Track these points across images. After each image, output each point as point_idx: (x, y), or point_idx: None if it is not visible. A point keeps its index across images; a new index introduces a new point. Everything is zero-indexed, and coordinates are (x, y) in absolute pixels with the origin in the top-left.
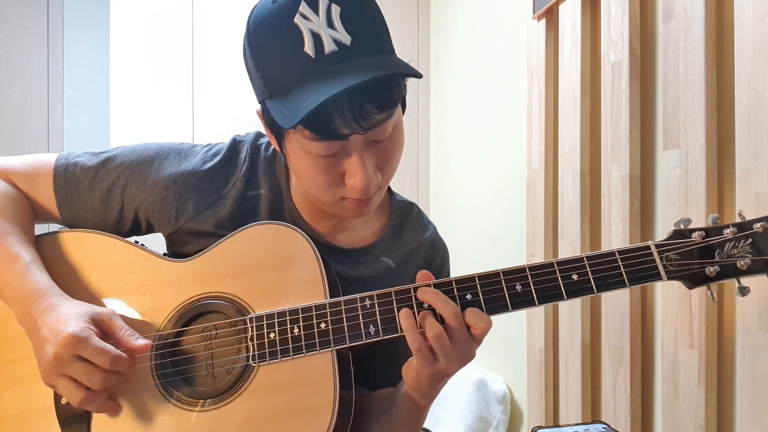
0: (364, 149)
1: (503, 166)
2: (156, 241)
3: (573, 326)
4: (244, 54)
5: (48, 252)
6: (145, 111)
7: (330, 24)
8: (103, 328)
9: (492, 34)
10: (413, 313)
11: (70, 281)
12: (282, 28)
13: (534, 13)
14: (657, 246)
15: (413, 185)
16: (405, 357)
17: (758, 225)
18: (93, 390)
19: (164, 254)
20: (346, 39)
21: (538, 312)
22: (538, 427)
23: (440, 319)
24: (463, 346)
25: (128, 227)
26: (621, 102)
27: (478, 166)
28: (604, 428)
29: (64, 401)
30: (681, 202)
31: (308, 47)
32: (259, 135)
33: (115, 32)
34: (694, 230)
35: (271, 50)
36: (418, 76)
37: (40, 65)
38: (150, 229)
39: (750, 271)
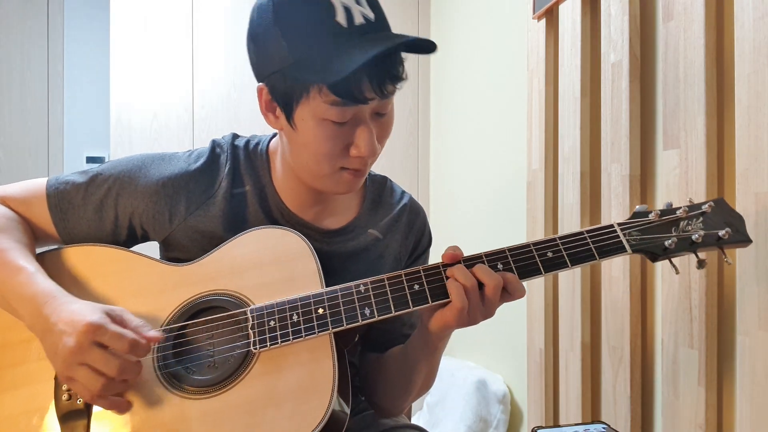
0: (371, 120)
1: (503, 166)
2: (152, 251)
3: (573, 326)
4: (263, 24)
5: (52, 266)
6: (145, 111)
7: (357, 1)
8: (116, 322)
9: (492, 34)
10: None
11: (75, 290)
12: (315, 1)
13: (534, 13)
14: (620, 224)
15: (413, 185)
16: (405, 320)
17: (706, 205)
18: (110, 380)
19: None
20: (371, 15)
21: (538, 312)
22: (538, 427)
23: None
24: (489, 307)
25: (124, 236)
26: (621, 102)
27: (478, 166)
28: (604, 428)
29: (64, 398)
30: (681, 202)
31: (340, 17)
32: (235, 136)
33: (115, 32)
34: (651, 211)
35: (301, 18)
36: (434, 48)
37: (40, 65)
38: (145, 237)
39: (704, 244)
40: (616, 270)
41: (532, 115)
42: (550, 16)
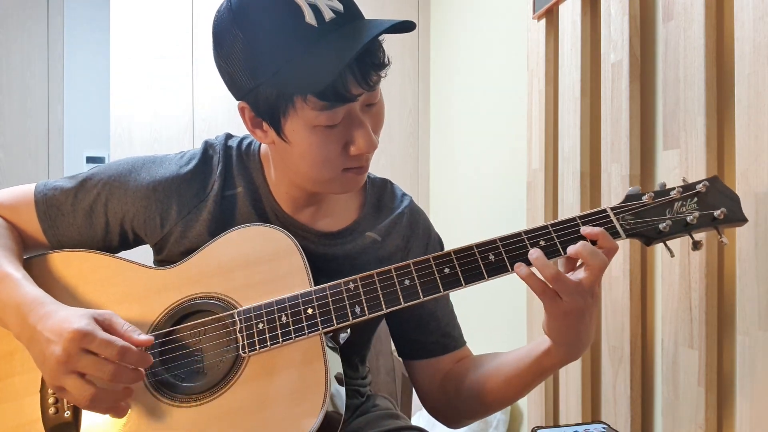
0: (363, 114)
1: (503, 166)
2: (144, 256)
3: None
4: (228, 44)
5: (36, 272)
6: (145, 111)
7: None
8: (104, 327)
9: (492, 34)
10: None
11: (60, 298)
12: (279, 6)
13: (534, 13)
14: (612, 209)
15: (413, 185)
16: (436, 320)
17: (700, 185)
18: (101, 389)
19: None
20: (339, 6)
21: (538, 311)
22: (538, 427)
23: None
24: (581, 287)
25: (116, 242)
26: (621, 102)
27: (478, 166)
28: (604, 428)
29: (51, 411)
30: None
31: (309, 18)
32: (228, 136)
33: (115, 32)
34: (644, 194)
35: (270, 28)
36: (413, 26)
37: (40, 65)
38: (138, 241)
39: (699, 225)
40: (616, 270)
41: (532, 115)
42: (550, 16)
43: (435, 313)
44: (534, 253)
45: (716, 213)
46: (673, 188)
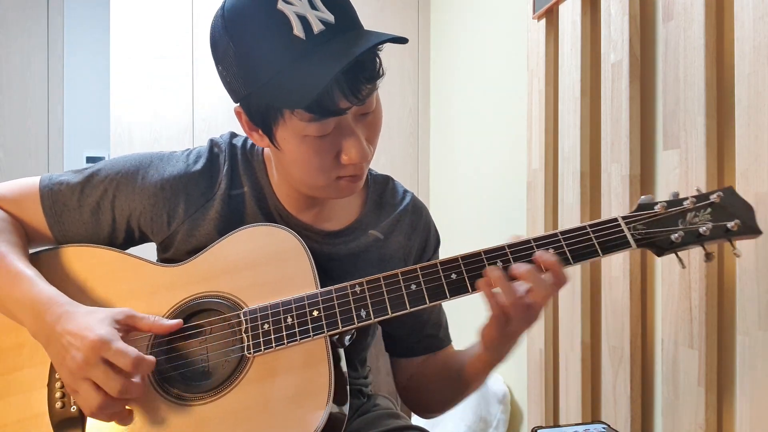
0: (355, 124)
1: (503, 166)
2: (149, 253)
3: (573, 326)
4: (222, 50)
5: (44, 267)
6: (145, 111)
7: (312, 5)
8: (127, 327)
9: (492, 34)
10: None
11: (67, 292)
12: (267, 16)
13: (534, 13)
14: (624, 218)
15: (413, 185)
16: (427, 326)
17: (714, 195)
18: (110, 398)
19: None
20: (330, 18)
21: None
22: (538, 427)
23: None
24: (531, 312)
25: (121, 239)
26: (621, 102)
27: (478, 166)
28: (604, 428)
29: (58, 406)
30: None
31: (297, 30)
32: (233, 135)
33: (115, 32)
34: (657, 203)
35: (258, 39)
36: (405, 40)
37: (40, 65)
38: (143, 239)
39: (712, 236)
40: (616, 270)
41: (532, 115)
42: (550, 16)
43: (421, 316)
44: (494, 272)
45: (730, 224)
46: (686, 198)
